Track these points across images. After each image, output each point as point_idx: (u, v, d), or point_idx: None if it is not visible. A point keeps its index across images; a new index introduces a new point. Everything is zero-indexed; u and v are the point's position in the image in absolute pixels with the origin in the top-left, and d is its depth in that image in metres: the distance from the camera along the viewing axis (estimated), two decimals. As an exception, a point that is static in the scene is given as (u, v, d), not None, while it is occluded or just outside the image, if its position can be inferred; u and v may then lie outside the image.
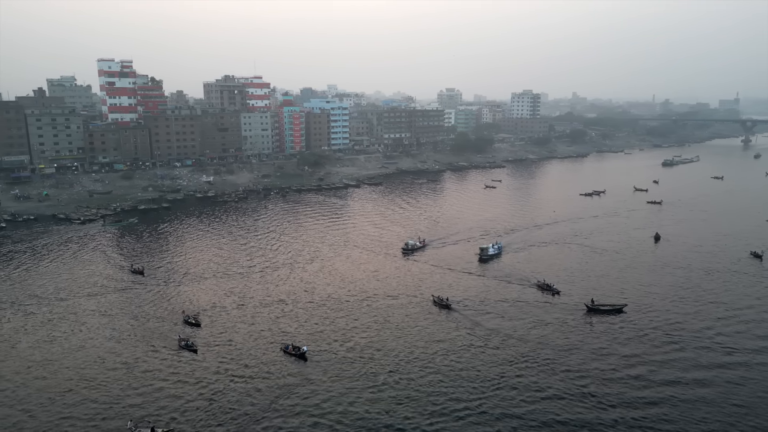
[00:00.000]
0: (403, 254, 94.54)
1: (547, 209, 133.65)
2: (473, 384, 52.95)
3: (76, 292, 76.26)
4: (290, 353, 58.56)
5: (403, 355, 58.76)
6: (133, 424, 44.82)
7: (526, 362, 57.20)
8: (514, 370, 55.40)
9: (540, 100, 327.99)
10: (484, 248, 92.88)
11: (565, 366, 56.19)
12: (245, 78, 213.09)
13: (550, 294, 75.75)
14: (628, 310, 70.42)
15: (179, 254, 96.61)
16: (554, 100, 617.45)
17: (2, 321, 66.97)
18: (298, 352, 58.29)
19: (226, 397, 50.38)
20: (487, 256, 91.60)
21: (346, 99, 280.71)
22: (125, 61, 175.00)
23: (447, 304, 71.06)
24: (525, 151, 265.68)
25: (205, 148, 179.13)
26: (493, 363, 56.93)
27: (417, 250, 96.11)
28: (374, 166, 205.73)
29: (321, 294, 76.31)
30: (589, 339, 62.61)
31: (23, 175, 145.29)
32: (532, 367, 56.13)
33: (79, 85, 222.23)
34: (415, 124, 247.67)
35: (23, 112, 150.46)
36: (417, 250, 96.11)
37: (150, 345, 60.45)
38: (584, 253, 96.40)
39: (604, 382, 52.82)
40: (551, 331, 64.45)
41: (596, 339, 62.54)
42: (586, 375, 54.30)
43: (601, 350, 59.54)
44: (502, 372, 55.08)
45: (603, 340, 62.15)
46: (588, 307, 70.92)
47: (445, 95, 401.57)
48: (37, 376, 54.30)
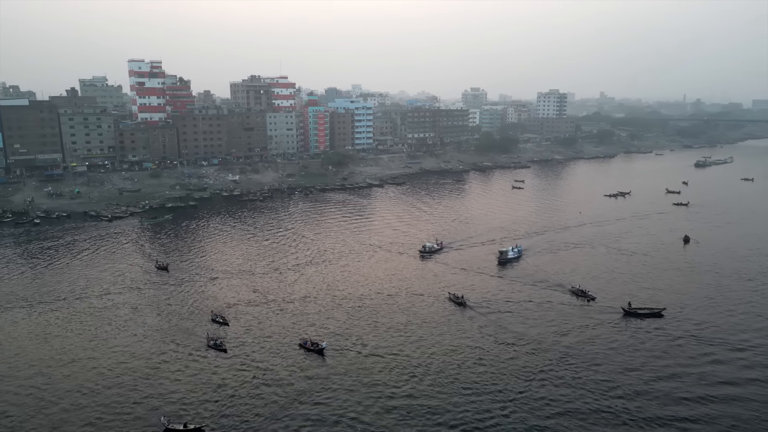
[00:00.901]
0: (420, 257, 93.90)
1: (573, 211, 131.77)
2: (497, 387, 52.54)
3: (104, 289, 78.08)
4: (309, 349, 59.29)
5: (422, 354, 58.75)
6: (166, 420, 45.71)
7: (554, 367, 56.31)
8: (541, 376, 54.39)
9: (566, 99, 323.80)
10: (504, 251, 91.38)
11: (597, 375, 54.61)
12: (271, 78, 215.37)
13: (585, 300, 73.21)
14: (666, 314, 68.91)
15: (204, 252, 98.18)
16: (581, 100, 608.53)
17: (32, 315, 69.00)
18: (317, 347, 58.97)
19: (251, 394, 50.92)
20: (506, 259, 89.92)
21: (370, 99, 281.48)
22: (155, 62, 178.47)
23: (462, 302, 71.92)
24: (551, 151, 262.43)
25: (231, 148, 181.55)
26: (518, 368, 56.21)
27: (434, 253, 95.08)
28: (398, 165, 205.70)
29: (342, 293, 76.72)
30: (623, 347, 60.63)
31: (56, 173, 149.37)
32: (561, 373, 55.21)
33: (110, 86, 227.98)
34: (439, 123, 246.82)
35: (56, 111, 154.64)
36: (434, 253, 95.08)
37: (179, 343, 61.33)
38: (611, 255, 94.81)
39: (636, 395, 50.81)
40: (586, 337, 63.12)
41: (630, 347, 60.53)
42: (618, 386, 52.63)
43: (633, 361, 57.39)
44: (528, 377, 54.13)
45: (637, 349, 60.01)
46: (625, 311, 69.39)
47: (469, 95, 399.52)
48: (68, 369, 55.82)
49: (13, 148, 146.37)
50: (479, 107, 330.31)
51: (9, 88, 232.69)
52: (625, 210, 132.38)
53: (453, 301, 72.95)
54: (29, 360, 57.59)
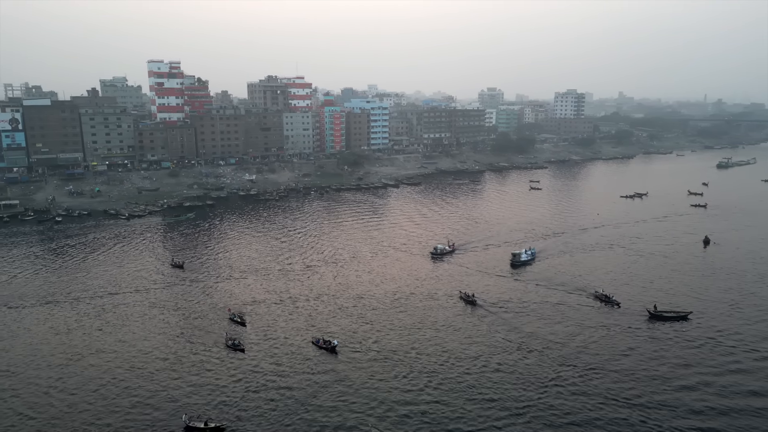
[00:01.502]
0: (431, 259, 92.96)
1: (590, 212, 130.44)
2: (513, 392, 52.17)
3: (122, 286, 79.29)
4: (321, 347, 59.89)
5: (435, 354, 58.71)
6: (187, 418, 46.23)
7: (572, 373, 55.68)
8: (558, 382, 53.68)
9: (584, 99, 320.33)
10: (517, 254, 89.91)
11: (618, 383, 53.31)
12: (288, 78, 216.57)
13: (610, 306, 71.44)
14: (692, 317, 67.83)
15: (219, 250, 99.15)
16: (599, 100, 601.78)
17: (54, 312, 70.27)
18: (329, 345, 59.58)
19: (269, 393, 51.27)
20: (519, 261, 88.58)
21: (386, 99, 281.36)
22: (173, 63, 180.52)
23: (473, 300, 72.63)
24: (568, 152, 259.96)
25: (248, 147, 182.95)
26: (534, 373, 55.75)
27: (446, 255, 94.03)
28: (413, 166, 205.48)
29: (356, 292, 77.00)
30: (646, 353, 59.17)
31: (77, 172, 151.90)
32: (579, 379, 54.58)
33: (129, 86, 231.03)
34: (455, 123, 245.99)
35: (78, 111, 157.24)
36: (446, 255, 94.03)
37: (197, 342, 61.80)
38: (629, 256, 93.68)
39: (660, 406, 49.31)
40: (607, 340, 62.35)
41: (654, 353, 59.06)
42: (639, 395, 51.28)
43: (657, 368, 55.68)
44: (544, 383, 53.40)
45: (661, 355, 58.57)
46: (650, 314, 68.38)
47: (486, 95, 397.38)
48: (88, 364, 56.78)
49: (35, 147, 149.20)
50: (496, 107, 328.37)
51: (32, 88, 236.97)
52: (643, 211, 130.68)
53: (464, 300, 73.51)
54: (50, 354, 58.69)
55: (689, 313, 68.52)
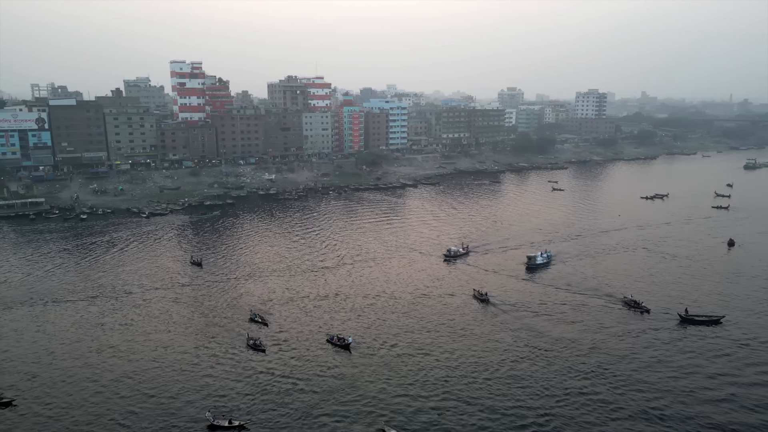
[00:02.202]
0: (444, 261, 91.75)
1: (611, 213, 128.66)
2: (533, 395, 51.76)
3: (143, 283, 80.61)
4: (335, 344, 60.63)
5: (447, 354, 58.69)
6: (211, 415, 46.74)
7: (594, 378, 54.87)
8: (580, 387, 52.81)
9: (606, 99, 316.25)
10: (532, 257, 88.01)
11: (642, 392, 51.93)
12: (307, 78, 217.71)
13: (639, 312, 69.37)
14: (724, 322, 66.40)
15: (237, 248, 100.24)
16: (621, 100, 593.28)
17: (78, 307, 71.72)
18: (343, 343, 60.35)
19: (290, 393, 51.52)
20: (534, 264, 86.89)
21: (405, 99, 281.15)
22: (195, 63, 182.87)
23: (486, 299, 73.28)
24: (589, 152, 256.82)
25: (267, 147, 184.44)
26: (554, 376, 55.06)
27: (459, 257, 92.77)
28: (432, 166, 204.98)
29: (373, 291, 77.27)
30: (675, 360, 57.59)
31: (101, 171, 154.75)
32: (600, 386, 53.75)
33: (152, 86, 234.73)
34: (475, 123, 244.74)
35: (102, 111, 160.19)
36: (459, 257, 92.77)
37: (219, 342, 62.05)
38: (651, 259, 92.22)
39: (686, 420, 47.53)
40: (631, 345, 61.28)
41: (683, 361, 57.59)
42: (666, 405, 50.25)
43: (685, 377, 53.83)
44: (565, 388, 52.48)
45: (692, 363, 56.59)
46: (681, 318, 66.89)
47: (506, 94, 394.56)
48: (110, 359, 57.88)
49: (61, 146, 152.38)
50: (516, 107, 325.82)
51: (57, 89, 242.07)
52: (665, 213, 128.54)
53: (477, 298, 74.10)
54: (72, 349, 59.92)
55: (722, 317, 66.83)
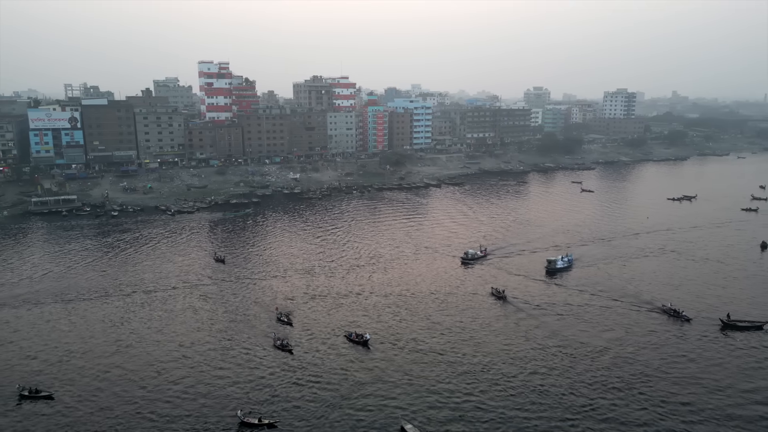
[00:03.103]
0: (462, 264, 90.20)
1: (639, 216, 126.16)
2: (559, 398, 51.29)
3: (169, 280, 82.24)
4: (354, 341, 61.47)
5: (466, 352, 58.53)
6: (242, 413, 47.41)
7: (624, 383, 53.96)
8: (608, 392, 52.02)
9: (635, 99, 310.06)
10: (552, 260, 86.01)
11: (679, 397, 51.13)
12: (332, 78, 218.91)
13: (679, 322, 66.60)
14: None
15: (260, 246, 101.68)
16: (651, 100, 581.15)
17: (109, 303, 73.62)
18: (361, 339, 61.22)
19: (317, 392, 52.00)
20: (554, 269, 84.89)
21: (429, 98, 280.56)
22: (222, 63, 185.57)
23: (503, 296, 74.03)
24: (617, 152, 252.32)
25: (292, 146, 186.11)
26: (580, 379, 54.39)
27: (477, 260, 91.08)
28: (456, 165, 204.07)
29: (394, 290, 77.53)
30: (714, 365, 56.35)
31: (131, 169, 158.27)
32: (632, 390, 52.86)
33: (181, 86, 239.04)
34: (500, 123, 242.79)
35: (132, 110, 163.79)
36: (477, 260, 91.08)
37: (245, 341, 62.57)
38: (681, 262, 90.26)
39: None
40: (664, 350, 60.18)
41: (724, 367, 56.09)
42: (702, 411, 49.06)
43: (725, 387, 52.38)
44: (592, 394, 51.92)
45: (740, 371, 55.02)
46: (723, 323, 65.03)
47: (532, 94, 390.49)
48: (139, 354, 59.29)
49: (92, 144, 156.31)
50: (542, 107, 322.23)
51: (90, 89, 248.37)
52: (695, 215, 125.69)
53: (495, 296, 74.71)
54: (103, 344, 61.47)
55: (765, 323, 64.73)
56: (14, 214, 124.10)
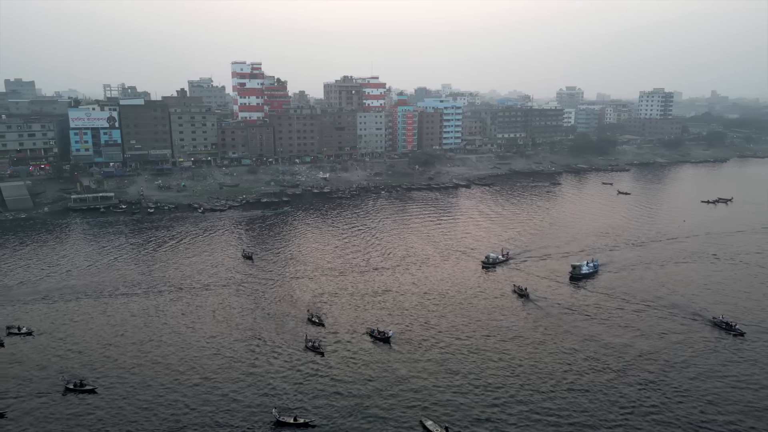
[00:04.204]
0: (482, 268, 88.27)
1: (675, 219, 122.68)
2: (589, 409, 50.47)
3: (200, 278, 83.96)
4: (376, 337, 62.23)
5: (489, 354, 58.18)
6: (277, 412, 47.96)
7: (663, 399, 52.69)
8: (643, 407, 50.95)
9: (672, 99, 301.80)
10: (577, 266, 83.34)
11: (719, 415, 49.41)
12: (362, 78, 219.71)
13: (731, 336, 62.79)
14: None
15: (288, 244, 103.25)
16: (689, 99, 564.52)
17: (149, 299, 75.59)
18: (383, 336, 61.93)
19: (345, 389, 52.51)
20: (579, 274, 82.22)
21: (459, 98, 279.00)
22: (255, 64, 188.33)
23: (526, 294, 74.91)
24: (653, 154, 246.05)
25: (322, 146, 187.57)
26: (613, 390, 53.29)
27: (499, 264, 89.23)
28: (486, 166, 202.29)
29: (419, 290, 77.53)
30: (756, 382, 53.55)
31: (165, 168, 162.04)
32: (671, 407, 51.62)
33: (214, 86, 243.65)
34: (531, 123, 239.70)
35: (168, 110, 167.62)
36: (499, 264, 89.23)
37: (276, 341, 62.73)
38: (723, 268, 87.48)
39: None
40: (708, 363, 57.92)
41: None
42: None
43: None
44: (627, 407, 50.60)
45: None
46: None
47: (564, 94, 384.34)
48: (180, 352, 60.62)
49: (129, 143, 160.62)
50: (575, 107, 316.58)
51: (127, 89, 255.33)
52: (734, 219, 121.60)
53: (517, 293, 75.54)
54: (139, 339, 63.14)
55: None
56: (54, 210, 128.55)
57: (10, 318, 67.42)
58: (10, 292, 76.13)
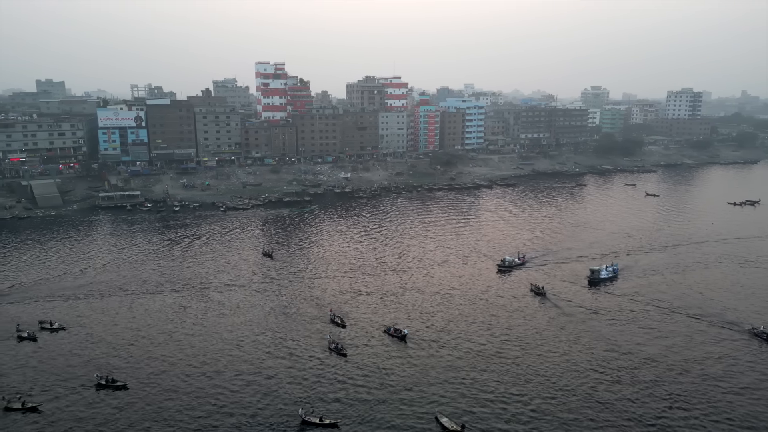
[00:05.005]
0: (498, 272, 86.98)
1: (703, 221, 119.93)
2: (614, 416, 49.72)
3: (223, 274, 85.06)
4: (392, 335, 62.76)
5: (504, 352, 57.67)
6: (303, 412, 48.09)
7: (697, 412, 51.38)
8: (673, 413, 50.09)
9: (701, 98, 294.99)
10: (596, 270, 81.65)
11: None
12: (385, 78, 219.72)
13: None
14: None
15: (308, 243, 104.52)
16: (718, 99, 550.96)
17: (165, 296, 76.82)
18: (400, 334, 62.47)
19: (369, 391, 52.54)
20: (598, 279, 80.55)
21: (482, 98, 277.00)
22: (278, 64, 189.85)
23: (543, 292, 75.49)
24: (680, 155, 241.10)
25: (344, 146, 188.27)
26: (639, 396, 52.48)
27: (515, 268, 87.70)
28: (508, 166, 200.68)
29: (438, 290, 77.47)
30: None
31: (190, 167, 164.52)
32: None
33: (238, 86, 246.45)
34: (555, 123, 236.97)
35: (193, 110, 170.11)
36: (515, 268, 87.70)
37: (300, 341, 62.72)
38: (745, 271, 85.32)
39: None
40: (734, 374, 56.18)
41: None
42: None
43: None
44: (654, 415, 49.81)
45: None
46: None
47: (589, 93, 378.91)
48: (205, 349, 61.51)
49: (155, 143, 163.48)
50: (600, 107, 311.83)
51: (154, 89, 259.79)
52: (762, 221, 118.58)
53: (534, 292, 76.02)
54: (166, 337, 64.21)
55: None
56: (83, 208, 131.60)
57: (41, 313, 69.22)
58: (41, 288, 78.21)
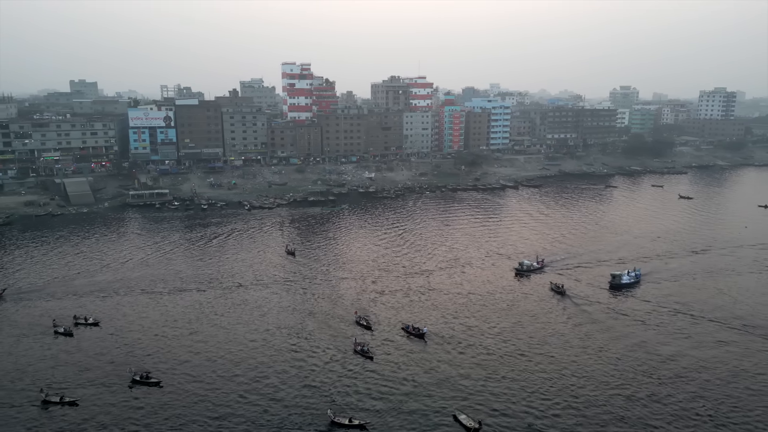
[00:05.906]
0: (515, 276, 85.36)
1: (735, 225, 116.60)
2: (640, 422, 48.81)
3: (248, 272, 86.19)
4: (411, 333, 63.33)
5: (523, 353, 57.18)
6: (332, 413, 48.41)
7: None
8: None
9: (735, 99, 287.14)
10: (617, 275, 79.52)
11: None
12: (410, 78, 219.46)
13: None
14: None
15: (331, 242, 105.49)
16: (753, 100, 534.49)
17: (192, 293, 78.19)
18: (418, 332, 62.92)
19: (397, 393, 52.53)
20: (619, 284, 78.47)
21: (508, 98, 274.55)
22: (305, 64, 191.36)
23: (563, 291, 76.32)
24: (713, 156, 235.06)
25: (368, 146, 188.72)
26: (669, 402, 51.64)
27: (533, 272, 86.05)
28: (534, 167, 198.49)
29: (462, 292, 77.34)
30: None
31: (217, 166, 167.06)
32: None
33: (265, 87, 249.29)
34: (583, 124, 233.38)
35: (220, 110, 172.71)
36: (533, 272, 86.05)
37: (326, 343, 62.59)
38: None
39: None
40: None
41: None
42: None
43: None
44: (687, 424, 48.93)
45: None
46: None
47: (618, 93, 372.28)
48: (233, 349, 62.45)
49: (184, 142, 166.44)
50: (629, 107, 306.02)
51: (183, 89, 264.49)
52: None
53: (554, 291, 76.99)
54: (195, 335, 65.38)
55: None
56: (114, 205, 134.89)
57: (74, 309, 71.09)
58: (73, 283, 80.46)
